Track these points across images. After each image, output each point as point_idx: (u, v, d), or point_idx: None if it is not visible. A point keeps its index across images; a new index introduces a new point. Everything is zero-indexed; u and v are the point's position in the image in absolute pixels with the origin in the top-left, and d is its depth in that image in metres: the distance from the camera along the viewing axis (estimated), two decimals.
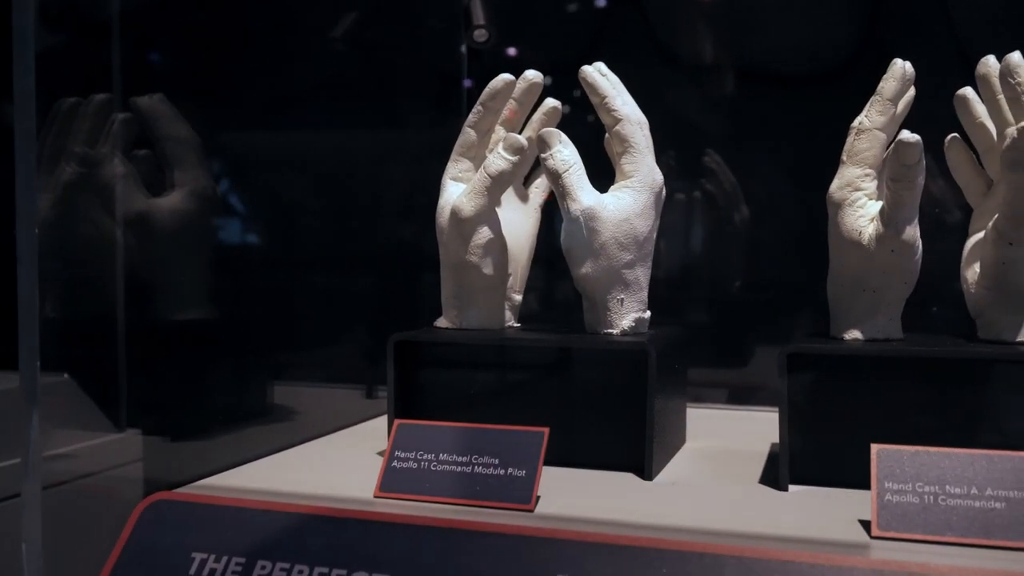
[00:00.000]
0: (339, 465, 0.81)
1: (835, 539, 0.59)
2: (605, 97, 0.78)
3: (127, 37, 0.84)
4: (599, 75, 0.79)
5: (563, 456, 0.76)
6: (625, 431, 0.76)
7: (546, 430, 0.68)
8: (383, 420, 0.90)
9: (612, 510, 0.66)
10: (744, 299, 1.21)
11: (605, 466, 0.77)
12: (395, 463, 0.69)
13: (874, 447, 0.62)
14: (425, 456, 0.69)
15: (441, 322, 0.85)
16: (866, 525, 0.61)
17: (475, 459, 0.68)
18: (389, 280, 1.24)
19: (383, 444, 0.81)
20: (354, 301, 1.17)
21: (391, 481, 0.69)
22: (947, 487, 0.59)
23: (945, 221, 1.04)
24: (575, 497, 0.69)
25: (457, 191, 0.82)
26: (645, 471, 0.74)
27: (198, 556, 0.60)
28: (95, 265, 0.84)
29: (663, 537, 0.58)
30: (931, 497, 0.59)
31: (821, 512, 0.65)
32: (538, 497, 0.66)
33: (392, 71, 1.24)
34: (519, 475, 0.66)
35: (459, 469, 0.68)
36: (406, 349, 0.82)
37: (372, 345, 1.11)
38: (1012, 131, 0.66)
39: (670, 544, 0.57)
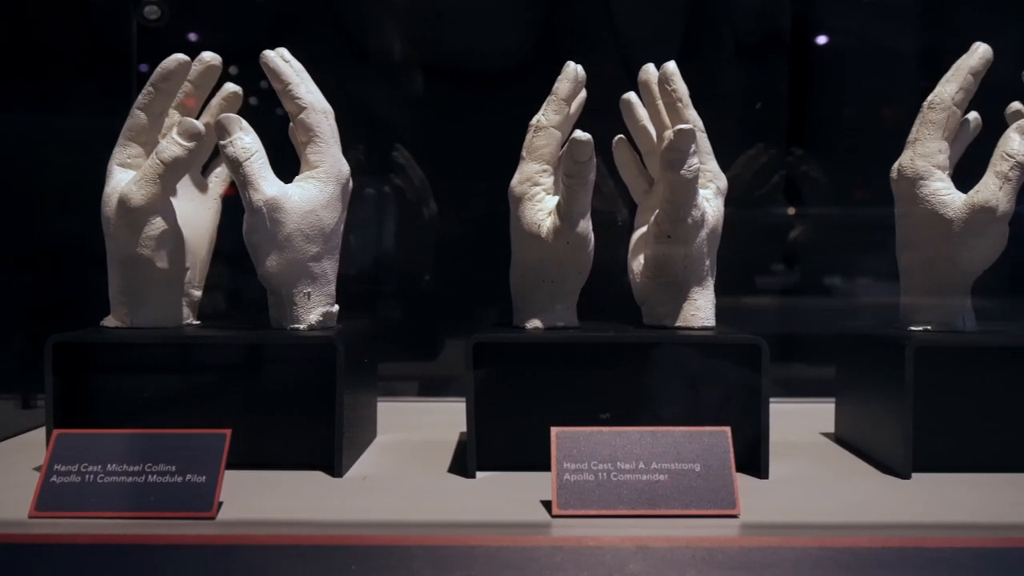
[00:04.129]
0: None
1: (519, 521, 0.61)
2: (288, 84, 0.76)
3: None
4: (282, 61, 0.76)
5: (250, 458, 0.73)
6: (314, 428, 0.74)
7: (228, 432, 0.64)
8: (42, 432, 0.81)
9: (300, 510, 0.64)
10: (433, 292, 1.23)
11: (294, 465, 0.75)
12: (54, 478, 0.62)
13: (553, 430, 0.65)
14: (90, 468, 0.63)
15: (109, 321, 0.78)
16: (547, 505, 0.64)
17: (149, 467, 0.63)
18: (49, 277, 1.12)
19: (41, 459, 0.73)
20: (5, 301, 1.05)
21: (49, 498, 0.62)
22: (618, 463, 0.63)
23: (614, 216, 1.12)
24: (262, 500, 0.66)
25: (126, 178, 0.76)
26: (335, 468, 0.73)
27: None
28: None
29: (353, 533, 0.57)
30: (605, 474, 0.63)
31: (507, 496, 0.67)
32: (220, 503, 0.63)
33: (52, 48, 1.12)
34: (199, 481, 0.62)
35: (131, 480, 0.62)
36: (68, 352, 0.74)
37: (29, 349, 1.00)
38: (669, 134, 0.72)
39: (359, 540, 0.56)
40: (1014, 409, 0.76)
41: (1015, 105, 0.87)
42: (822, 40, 1.27)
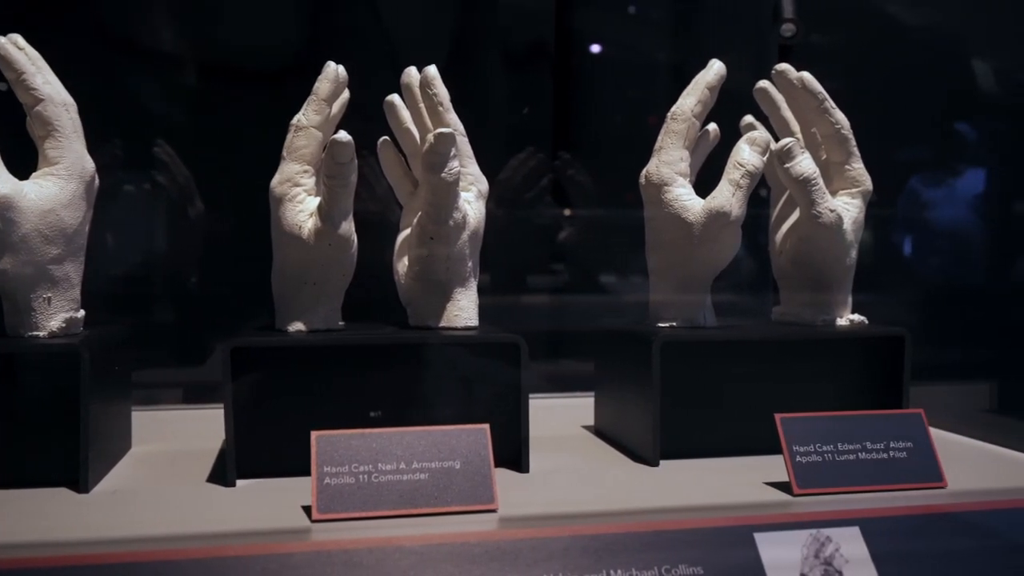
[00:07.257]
0: None
1: (278, 528, 0.60)
2: (23, 74, 0.70)
3: None
4: (15, 48, 0.71)
5: None
6: (57, 442, 0.70)
7: None
8: None
9: (40, 531, 0.60)
10: (199, 295, 1.19)
11: (34, 483, 0.69)
12: None
13: (313, 434, 0.64)
14: None
15: None
16: (308, 510, 0.63)
17: None
18: None
19: None
20: None
21: None
22: (379, 465, 0.64)
23: (383, 218, 1.12)
24: None
25: None
26: (80, 483, 0.68)
27: None
28: None
29: (97, 552, 0.54)
30: (366, 476, 0.63)
31: (267, 503, 0.66)
32: None
33: None
34: None
35: None
36: None
37: None
38: (430, 137, 0.73)
39: (103, 558, 0.53)
40: (749, 397, 0.82)
41: (748, 119, 0.95)
42: (587, 50, 1.33)
